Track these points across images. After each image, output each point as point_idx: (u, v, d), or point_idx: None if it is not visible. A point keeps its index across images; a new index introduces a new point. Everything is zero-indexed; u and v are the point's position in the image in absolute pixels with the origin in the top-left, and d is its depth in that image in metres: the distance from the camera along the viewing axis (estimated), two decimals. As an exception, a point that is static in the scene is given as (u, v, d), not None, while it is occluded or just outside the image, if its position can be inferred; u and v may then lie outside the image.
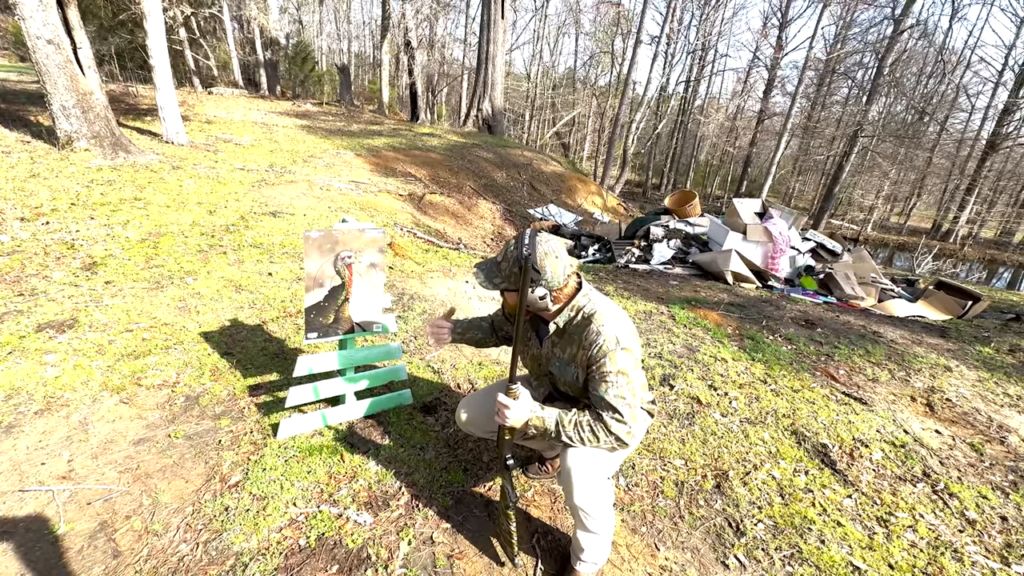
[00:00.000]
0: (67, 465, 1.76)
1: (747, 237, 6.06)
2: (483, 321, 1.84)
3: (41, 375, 2.19)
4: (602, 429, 1.33)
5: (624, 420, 1.33)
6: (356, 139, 11.13)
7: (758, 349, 3.41)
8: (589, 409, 1.39)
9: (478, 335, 1.81)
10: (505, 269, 1.39)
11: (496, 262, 1.44)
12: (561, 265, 1.39)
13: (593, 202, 13.04)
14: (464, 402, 1.74)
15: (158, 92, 7.24)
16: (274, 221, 4.88)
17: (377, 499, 1.77)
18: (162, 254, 3.68)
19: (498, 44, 16.05)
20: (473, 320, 1.83)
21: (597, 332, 1.37)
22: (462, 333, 1.78)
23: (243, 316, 2.99)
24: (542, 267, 1.35)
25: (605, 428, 1.33)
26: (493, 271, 1.44)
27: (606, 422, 1.33)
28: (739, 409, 2.62)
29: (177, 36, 16.35)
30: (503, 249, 1.43)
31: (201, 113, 11.03)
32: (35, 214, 4.06)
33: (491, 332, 1.82)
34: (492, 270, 1.44)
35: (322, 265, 1.83)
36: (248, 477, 1.78)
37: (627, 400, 1.34)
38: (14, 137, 6.17)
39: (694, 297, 4.58)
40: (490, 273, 1.44)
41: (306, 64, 21.23)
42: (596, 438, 1.33)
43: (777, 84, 26.97)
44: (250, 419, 2.10)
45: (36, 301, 2.81)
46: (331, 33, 34.26)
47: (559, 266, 1.38)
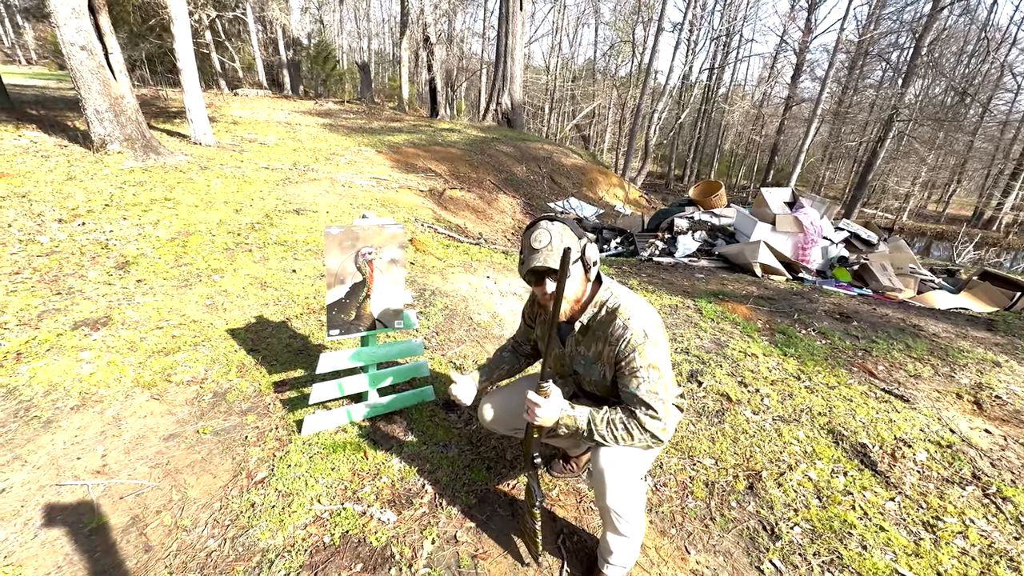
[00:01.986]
0: (101, 460, 1.81)
1: (776, 228, 5.85)
2: (503, 353, 1.78)
3: (77, 372, 2.26)
4: (636, 426, 1.28)
5: (658, 416, 1.28)
6: (377, 136, 11.22)
7: (790, 344, 3.28)
8: (620, 406, 1.34)
9: (504, 368, 1.74)
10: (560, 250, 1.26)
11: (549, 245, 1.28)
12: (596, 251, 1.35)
13: (615, 194, 12.85)
14: (487, 399, 1.71)
15: (186, 95, 7.41)
16: (298, 219, 4.94)
17: (400, 497, 1.76)
18: (191, 252, 3.76)
19: (516, 37, 15.91)
20: (492, 360, 1.77)
21: (623, 326, 1.32)
22: (488, 377, 1.71)
23: (268, 313, 3.02)
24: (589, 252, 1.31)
25: (639, 425, 1.28)
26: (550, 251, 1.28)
27: (640, 419, 1.28)
28: (771, 407, 2.52)
29: (204, 39, 16.76)
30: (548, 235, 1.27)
31: (227, 114, 11.29)
32: (72, 215, 4.20)
33: (516, 358, 1.76)
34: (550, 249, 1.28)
35: (343, 262, 1.82)
36: (274, 473, 1.79)
37: (660, 395, 1.29)
38: (52, 142, 6.41)
39: (721, 290, 4.45)
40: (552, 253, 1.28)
41: (327, 63, 21.48)
42: (630, 436, 1.29)
43: (806, 69, 26.01)
44: (275, 415, 2.12)
45: (73, 300, 2.90)
46: (351, 32, 34.58)
47: (596, 252, 1.34)
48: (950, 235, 19.77)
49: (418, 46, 19.12)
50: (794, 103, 26.57)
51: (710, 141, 32.90)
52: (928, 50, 16.93)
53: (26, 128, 6.90)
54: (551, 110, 30.49)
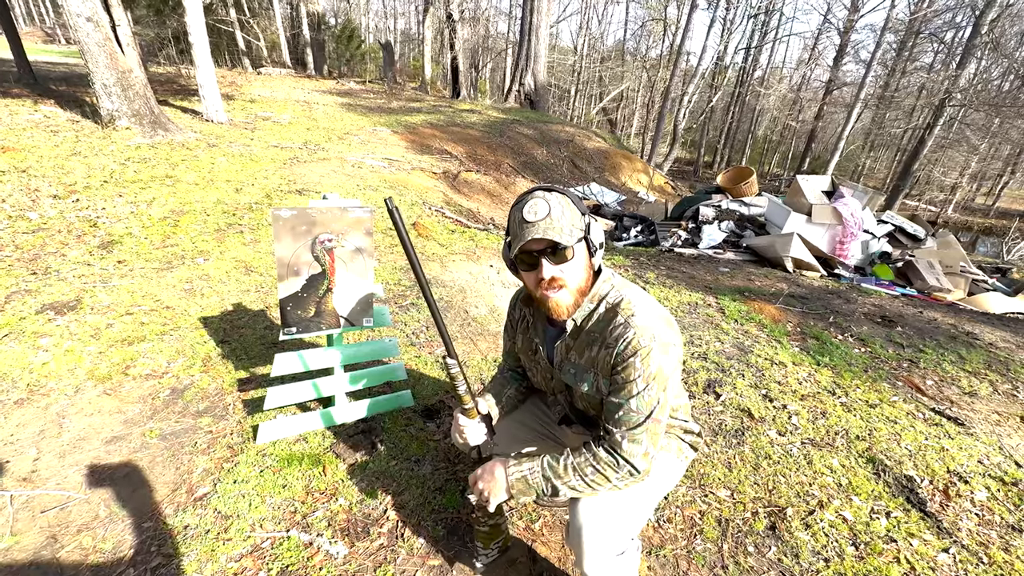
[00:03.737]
0: (32, 465, 1.62)
1: (812, 219, 5.37)
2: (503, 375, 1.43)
3: (30, 361, 2.09)
4: (608, 462, 0.99)
5: (638, 437, 0.98)
6: (394, 116, 10.95)
7: (824, 351, 2.91)
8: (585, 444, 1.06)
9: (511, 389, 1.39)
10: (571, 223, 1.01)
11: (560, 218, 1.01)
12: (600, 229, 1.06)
13: (639, 180, 12.32)
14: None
15: (197, 70, 7.26)
16: (299, 199, 4.74)
17: (357, 524, 1.52)
18: (180, 233, 3.59)
19: (542, 14, 15.30)
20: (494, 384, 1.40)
21: (625, 324, 1.02)
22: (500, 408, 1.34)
23: (248, 300, 2.82)
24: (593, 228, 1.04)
25: (611, 458, 0.99)
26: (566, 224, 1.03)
27: (614, 446, 0.99)
28: (800, 427, 2.19)
29: (228, 16, 16.67)
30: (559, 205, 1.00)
31: (247, 92, 11.17)
32: (68, 192, 4.08)
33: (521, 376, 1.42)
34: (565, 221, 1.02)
35: (296, 250, 1.57)
36: (216, 490, 1.58)
37: (654, 413, 0.99)
38: (65, 117, 6.36)
39: (747, 287, 4.06)
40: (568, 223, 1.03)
41: (352, 42, 21.20)
42: (604, 478, 1.00)
43: (849, 50, 24.45)
44: (232, 418, 1.91)
45: (47, 280, 2.75)
46: (378, 11, 34.22)
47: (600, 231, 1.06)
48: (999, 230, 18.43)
49: (441, 24, 18.66)
50: (835, 87, 25.07)
51: (743, 126, 31.48)
52: (989, 28, 15.57)
53: (44, 103, 6.88)
54: (577, 92, 29.64)
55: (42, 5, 30.86)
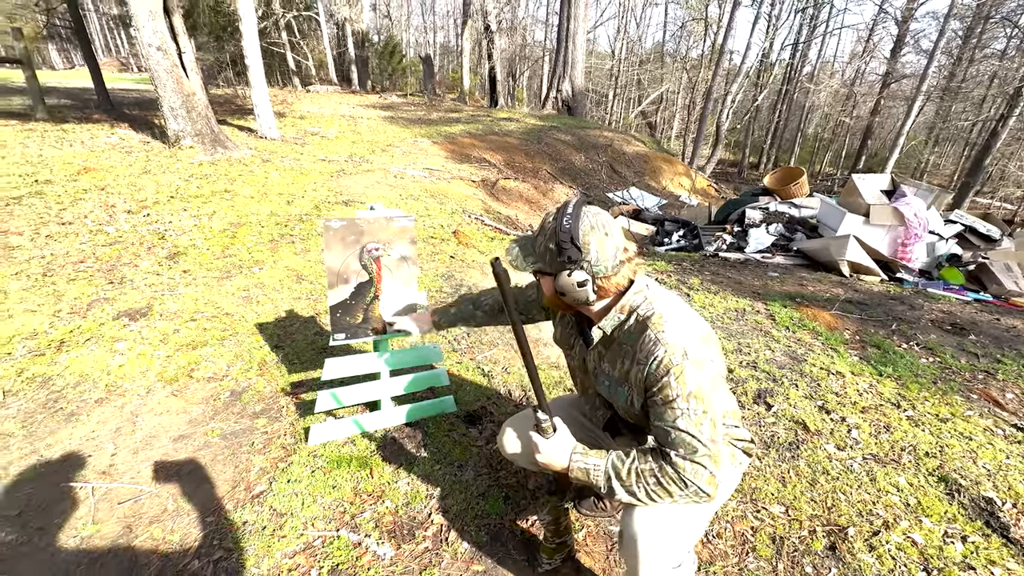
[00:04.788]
0: (109, 460, 1.76)
1: (870, 220, 5.07)
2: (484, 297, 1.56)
3: (108, 363, 2.27)
4: (673, 477, 0.96)
5: (701, 461, 0.95)
6: (434, 127, 11.21)
7: (887, 361, 2.73)
8: (653, 449, 1.03)
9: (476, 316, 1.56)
10: (540, 245, 1.06)
11: (533, 238, 1.10)
12: (611, 245, 1.02)
13: (680, 184, 12.04)
14: (509, 426, 1.43)
15: (252, 91, 7.73)
16: (345, 210, 4.93)
17: (403, 527, 1.55)
18: (237, 244, 3.81)
19: (579, 20, 15.29)
20: (473, 297, 1.58)
21: (655, 340, 1.00)
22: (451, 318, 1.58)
23: (299, 307, 2.95)
24: (584, 244, 1.00)
25: (677, 476, 0.96)
26: (527, 248, 1.10)
27: (677, 466, 0.96)
28: (862, 441, 2.06)
29: (280, 39, 17.65)
30: (542, 220, 1.09)
31: (297, 109, 11.76)
32: (140, 207, 4.42)
33: (496, 314, 1.54)
34: (527, 246, 1.11)
35: (346, 259, 1.63)
36: (272, 488, 1.65)
37: (705, 433, 0.96)
38: (138, 139, 6.91)
39: (799, 292, 3.87)
40: (524, 249, 1.10)
41: (394, 57, 21.95)
42: (667, 492, 0.97)
43: (909, 40, 22.98)
44: (286, 420, 2.00)
45: (122, 289, 2.99)
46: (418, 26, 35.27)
47: (607, 246, 1.02)
48: (1091, 229, 16.69)
49: (479, 36, 19.00)
50: (893, 80, 23.63)
51: (791, 125, 30.13)
52: (1072, 9, 14.23)
53: (119, 127, 7.50)
54: (615, 97, 29.34)
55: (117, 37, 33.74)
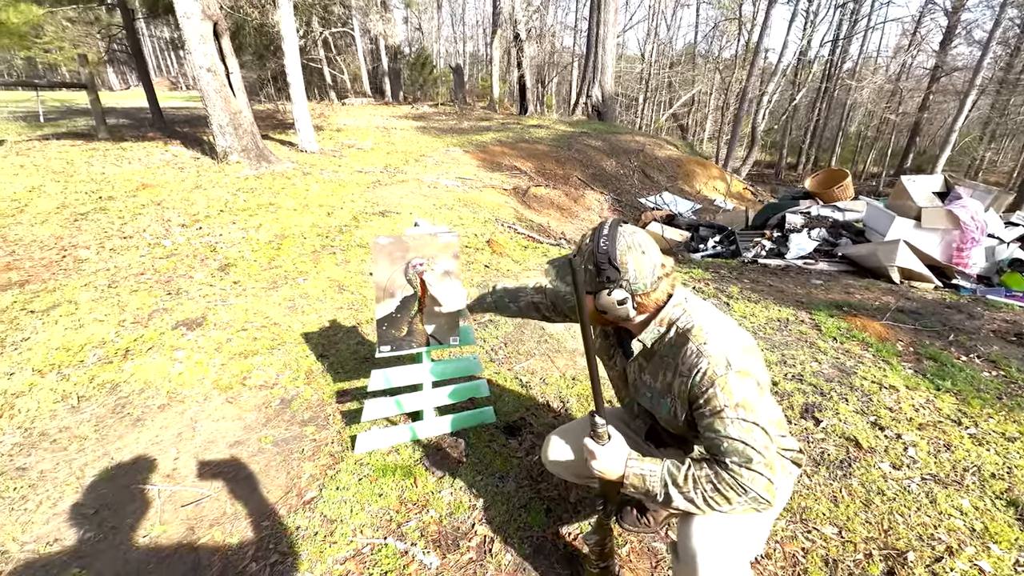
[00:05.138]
0: (173, 464, 1.87)
1: (922, 224, 4.82)
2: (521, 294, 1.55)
3: (169, 371, 2.41)
4: (731, 484, 0.96)
5: (757, 468, 0.95)
6: (465, 136, 11.38)
7: (945, 375, 2.59)
8: (707, 458, 1.03)
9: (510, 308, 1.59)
10: (578, 266, 1.09)
11: (570, 258, 1.15)
12: (648, 263, 1.05)
13: (714, 187, 11.78)
14: (553, 437, 1.45)
15: (294, 106, 8.06)
16: (382, 220, 5.07)
17: (447, 536, 1.59)
18: (282, 255, 3.98)
19: (609, 25, 15.25)
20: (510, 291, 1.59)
21: (697, 353, 1.02)
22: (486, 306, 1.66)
23: (342, 317, 3.05)
24: (622, 264, 1.03)
25: (735, 482, 0.96)
26: (566, 268, 1.15)
27: (734, 472, 0.96)
28: (920, 460, 1.96)
29: (317, 55, 18.34)
30: (579, 241, 1.13)
31: (333, 122, 12.18)
32: (193, 221, 4.68)
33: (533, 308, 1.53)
34: (565, 267, 1.16)
35: (392, 274, 1.69)
36: (322, 495, 1.72)
37: (758, 441, 0.96)
38: (189, 155, 7.31)
39: (846, 301, 3.72)
40: (563, 270, 1.16)
41: (425, 68, 22.46)
42: (725, 499, 0.97)
43: (960, 31, 21.80)
44: (333, 428, 2.07)
45: (179, 300, 3.17)
46: (448, 37, 35.93)
47: (645, 264, 1.05)
48: None
49: (509, 44, 19.19)
50: (943, 73, 22.46)
51: (831, 123, 29.02)
52: None
53: (172, 144, 7.95)
54: (646, 100, 29.03)
55: (168, 58, 35.83)
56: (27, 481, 1.77)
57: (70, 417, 2.10)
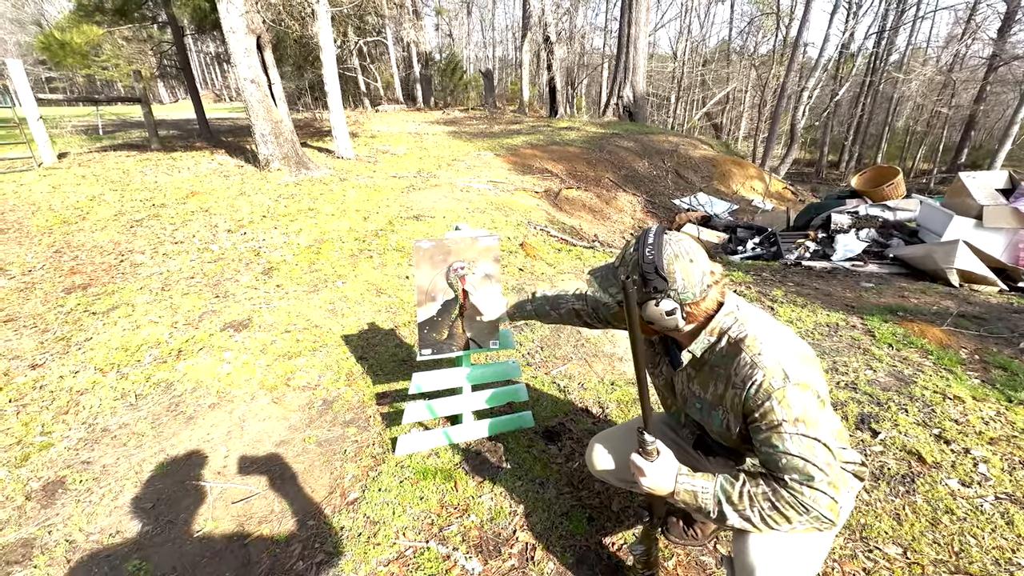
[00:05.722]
0: (223, 461, 1.93)
1: (984, 223, 4.52)
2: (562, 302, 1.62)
3: (218, 371, 2.51)
4: (791, 503, 0.91)
5: (819, 487, 0.90)
6: (496, 139, 11.44)
7: (1016, 385, 2.41)
8: (763, 474, 0.98)
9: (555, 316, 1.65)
10: (622, 276, 1.06)
11: (613, 267, 1.12)
12: (696, 271, 1.01)
13: (752, 187, 11.41)
14: (598, 442, 1.41)
15: (331, 114, 8.30)
16: (416, 224, 5.14)
17: (488, 542, 1.57)
18: (322, 259, 4.08)
19: (640, 25, 15.04)
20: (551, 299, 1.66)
21: (751, 364, 0.98)
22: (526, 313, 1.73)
23: (380, 320, 3.10)
24: (669, 273, 0.99)
25: (796, 501, 0.91)
26: (608, 279, 1.12)
27: (794, 491, 0.91)
28: (992, 478, 1.82)
29: (352, 64, 18.86)
30: (622, 251, 1.10)
31: (368, 129, 12.48)
32: (238, 226, 4.87)
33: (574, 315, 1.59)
34: (607, 278, 1.12)
35: (433, 278, 1.70)
36: (364, 496, 1.74)
37: (820, 458, 0.91)
38: (233, 163, 7.62)
39: (900, 305, 3.52)
40: (605, 281, 1.12)
41: (455, 74, 22.76)
42: (784, 518, 0.92)
43: (1020, 17, 20.42)
44: (374, 430, 2.10)
45: (226, 303, 3.29)
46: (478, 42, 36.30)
47: (693, 273, 1.01)
48: None
49: (539, 47, 19.22)
50: (1001, 62, 21.04)
51: (876, 119, 27.67)
52: None
53: (218, 153, 8.32)
54: (678, 99, 28.48)
55: (213, 71, 37.60)
56: (91, 474, 1.87)
57: (129, 414, 2.21)
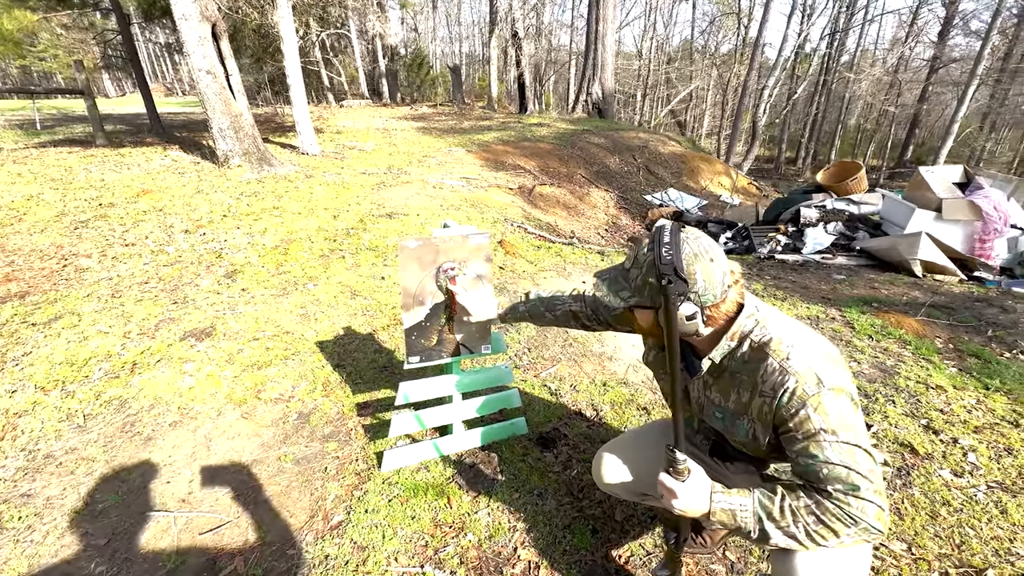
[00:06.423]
0: (187, 486, 1.75)
1: (943, 215, 4.71)
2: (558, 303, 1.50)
3: (179, 385, 2.29)
4: (838, 515, 0.85)
5: (865, 496, 0.84)
6: (467, 136, 11.26)
7: (991, 372, 2.48)
8: (802, 486, 0.91)
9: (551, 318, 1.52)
10: (635, 278, 0.98)
11: (623, 269, 1.03)
12: (718, 271, 0.93)
13: (720, 183, 11.66)
14: (607, 452, 1.32)
15: (294, 109, 7.93)
16: (389, 223, 4.94)
17: (488, 562, 1.47)
18: (290, 260, 3.86)
19: (608, 22, 15.13)
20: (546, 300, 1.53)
21: (781, 370, 0.92)
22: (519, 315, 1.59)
23: (356, 324, 2.93)
24: (690, 274, 0.91)
25: (843, 512, 0.84)
26: (618, 281, 1.03)
27: (840, 502, 0.85)
28: (982, 466, 1.84)
29: (314, 57, 18.21)
30: (633, 251, 1.02)
31: (333, 125, 12.05)
32: (196, 226, 4.55)
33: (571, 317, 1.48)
34: (617, 280, 1.03)
35: (422, 280, 1.57)
36: (350, 519, 1.60)
37: (863, 465, 0.85)
38: (189, 160, 7.18)
39: (874, 296, 3.61)
40: (614, 283, 1.03)
41: (422, 69, 22.34)
42: (832, 532, 0.85)
43: (957, 22, 21.76)
44: (356, 444, 1.95)
45: (186, 309, 3.05)
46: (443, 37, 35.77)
47: (714, 273, 0.93)
48: None
49: (506, 43, 19.08)
50: (942, 64, 22.38)
51: (830, 117, 28.92)
52: None
53: (171, 149, 7.82)
54: (644, 97, 28.91)
55: (163, 63, 35.67)
56: (32, 509, 1.65)
57: (77, 437, 1.98)
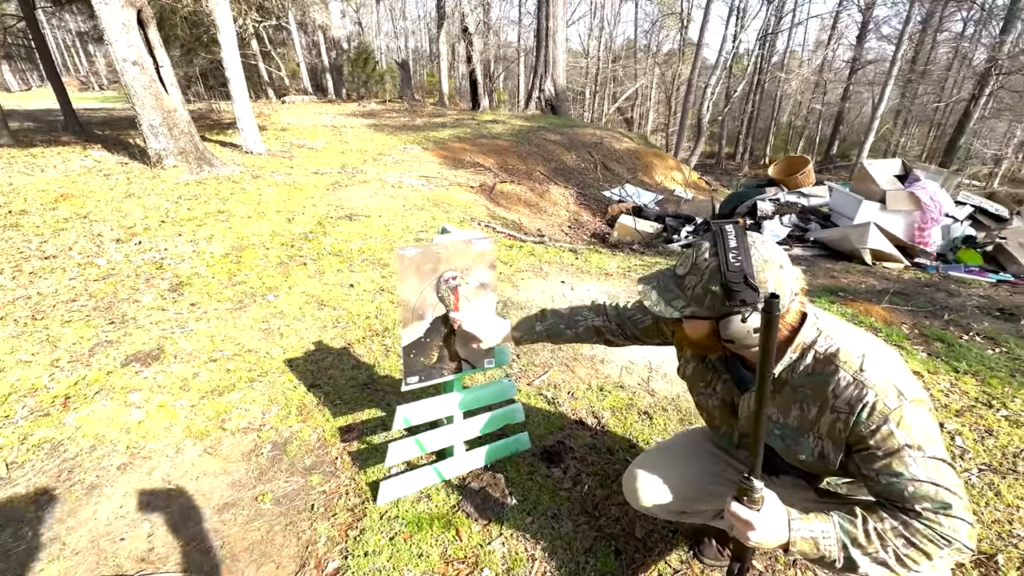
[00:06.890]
0: (147, 542, 1.50)
1: (887, 206, 5.01)
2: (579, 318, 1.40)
3: (126, 419, 1.99)
4: (929, 536, 0.78)
5: (957, 514, 0.78)
6: (422, 133, 10.95)
7: (957, 355, 2.61)
8: (885, 507, 0.84)
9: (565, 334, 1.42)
10: (693, 285, 0.89)
11: (675, 275, 0.93)
12: (788, 278, 0.86)
13: (672, 178, 11.99)
14: (640, 471, 1.21)
15: (235, 104, 7.36)
16: (351, 225, 4.66)
17: (511, 600, 1.34)
18: (244, 269, 3.52)
19: (558, 19, 15.19)
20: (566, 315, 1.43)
21: (855, 383, 0.84)
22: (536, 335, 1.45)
23: (327, 337, 2.69)
24: (761, 283, 0.83)
25: (934, 533, 0.78)
26: (670, 288, 0.93)
27: (931, 522, 0.78)
28: (969, 450, 1.91)
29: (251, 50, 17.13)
30: (688, 254, 0.92)
31: (276, 122, 11.35)
32: (129, 234, 4.08)
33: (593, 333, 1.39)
34: (668, 286, 0.93)
35: (423, 292, 1.41)
36: (348, 564, 1.41)
37: (949, 480, 0.80)
38: (114, 160, 6.49)
39: (836, 285, 3.76)
40: (666, 290, 0.93)
41: (367, 65, 21.54)
42: (924, 555, 0.78)
43: (872, 27, 23.61)
44: (344, 475, 1.75)
45: (125, 329, 2.69)
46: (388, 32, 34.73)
47: (785, 280, 0.86)
48: (1059, 201, 17.23)
49: (456, 39, 18.78)
50: (859, 66, 24.20)
51: (764, 114, 30.62)
52: (1032, -10, 14.68)
53: (92, 148, 7.06)
54: (594, 94, 29.42)
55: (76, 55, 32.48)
56: (-54, 588, 1.36)
57: (0, 492, 1.66)
